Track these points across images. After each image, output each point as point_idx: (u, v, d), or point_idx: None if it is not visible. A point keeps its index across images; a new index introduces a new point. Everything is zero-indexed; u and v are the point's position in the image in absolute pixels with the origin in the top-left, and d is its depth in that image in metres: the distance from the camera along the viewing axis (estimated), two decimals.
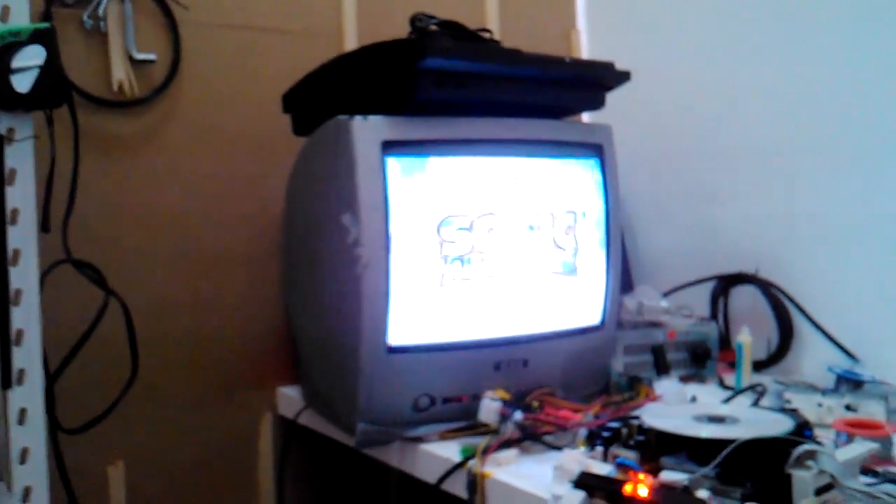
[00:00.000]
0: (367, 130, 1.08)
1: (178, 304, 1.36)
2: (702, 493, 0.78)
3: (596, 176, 1.26)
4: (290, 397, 1.41)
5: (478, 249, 1.15)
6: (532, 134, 1.21)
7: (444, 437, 1.11)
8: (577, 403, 1.13)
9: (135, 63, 1.33)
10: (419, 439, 1.11)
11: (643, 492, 0.79)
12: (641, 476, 0.81)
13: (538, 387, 1.14)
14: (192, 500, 1.37)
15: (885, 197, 1.38)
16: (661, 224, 1.70)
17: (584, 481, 0.83)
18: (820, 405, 1.15)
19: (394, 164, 1.09)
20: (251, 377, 1.42)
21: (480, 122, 1.16)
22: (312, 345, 1.27)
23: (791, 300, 1.49)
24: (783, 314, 1.49)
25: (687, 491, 0.79)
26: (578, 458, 0.88)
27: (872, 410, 1.11)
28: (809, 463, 0.81)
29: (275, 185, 1.35)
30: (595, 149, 1.26)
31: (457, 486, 1.02)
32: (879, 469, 0.93)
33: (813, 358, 1.45)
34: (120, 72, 1.32)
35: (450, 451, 1.06)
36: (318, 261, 1.19)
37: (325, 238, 1.15)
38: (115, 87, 1.31)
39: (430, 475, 1.06)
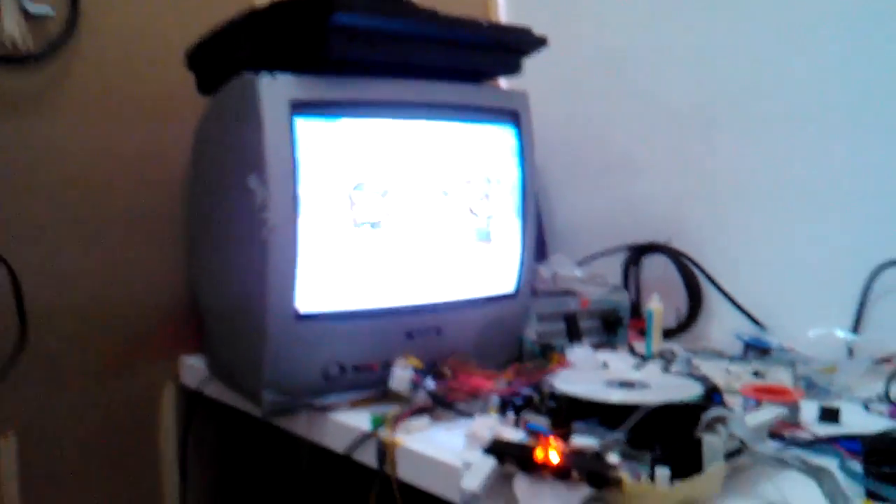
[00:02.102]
0: (275, 89, 1.03)
1: (74, 272, 1.29)
2: (612, 458, 0.77)
3: (512, 142, 1.24)
4: (193, 367, 1.36)
5: (390, 215, 1.12)
6: (448, 98, 1.18)
7: (354, 405, 1.08)
8: (489, 371, 1.12)
9: (29, 17, 1.25)
10: (328, 408, 1.08)
11: (554, 457, 0.78)
12: (552, 441, 0.80)
13: (451, 355, 1.13)
14: (89, 474, 1.32)
15: (792, 168, 1.40)
16: (575, 193, 1.70)
17: (495, 448, 0.81)
18: (728, 371, 1.16)
19: (303, 125, 1.05)
20: (152, 346, 1.37)
21: (395, 84, 1.13)
22: (217, 312, 1.22)
23: (700, 269, 1.51)
24: (693, 283, 1.51)
25: (598, 456, 0.78)
26: (490, 425, 0.86)
27: (780, 377, 1.13)
28: (719, 428, 0.81)
29: (179, 148, 1.30)
30: (511, 115, 1.24)
31: (367, 456, 1.00)
32: (786, 434, 0.95)
33: (721, 326, 1.47)
34: (12, 26, 1.23)
35: (360, 420, 1.03)
36: (224, 225, 1.14)
37: (231, 202, 1.10)
38: (6, 42, 1.23)
39: (339, 445, 1.04)
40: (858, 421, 1.04)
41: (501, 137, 1.24)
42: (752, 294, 1.46)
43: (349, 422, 1.04)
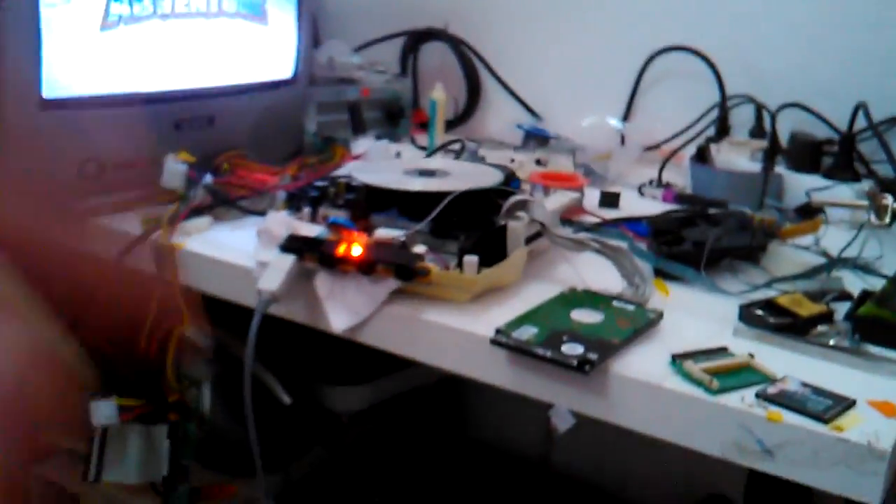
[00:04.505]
0: None
1: None
2: (419, 249, 0.74)
3: None
4: None
5: None
6: None
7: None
8: (270, 166, 1.04)
9: None
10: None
11: (357, 251, 0.73)
12: (355, 235, 0.75)
13: (226, 148, 1.02)
14: None
15: None
16: None
17: (293, 244, 0.75)
18: (513, 160, 1.15)
19: None
20: None
21: None
22: None
23: (479, 57, 1.47)
24: (471, 72, 1.48)
25: (403, 247, 0.74)
26: (284, 221, 0.79)
27: (561, 165, 1.14)
28: (520, 213, 0.80)
29: None
30: None
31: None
32: (575, 219, 0.96)
33: (499, 116, 1.46)
34: None
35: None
36: None
37: None
38: None
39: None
40: (635, 205, 1.08)
41: None
42: (528, 84, 1.45)
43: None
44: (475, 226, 0.78)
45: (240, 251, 0.84)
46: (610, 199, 1.06)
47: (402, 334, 0.74)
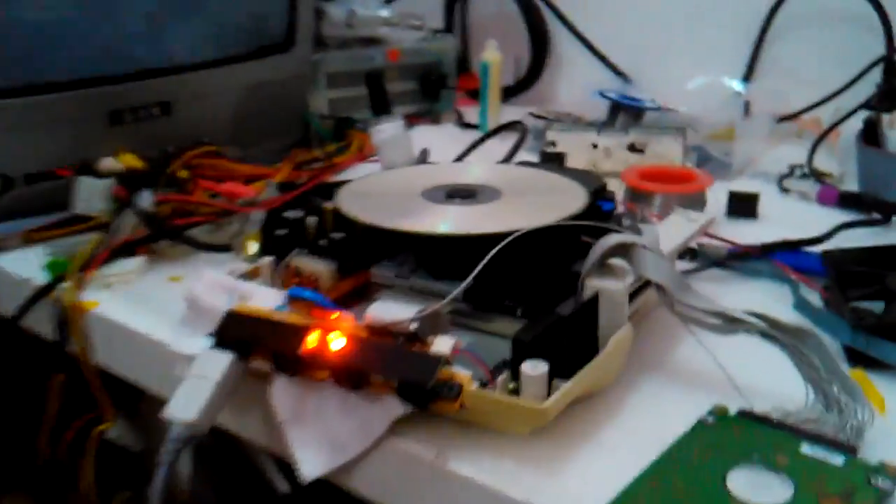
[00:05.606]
0: None
1: None
2: (443, 341, 0.42)
3: None
4: None
5: None
6: None
7: (29, 238, 0.67)
8: (257, 165, 0.75)
9: None
10: None
11: (338, 345, 0.42)
12: (335, 317, 0.43)
13: (192, 144, 0.72)
14: None
15: None
16: None
17: (230, 333, 0.44)
18: (595, 146, 0.82)
19: None
20: None
21: None
22: None
23: (548, 5, 1.14)
24: (538, 23, 1.14)
25: (416, 338, 0.42)
26: (225, 284, 0.48)
27: (666, 149, 0.81)
28: (615, 262, 0.47)
29: None
30: None
31: (44, 324, 0.61)
32: (696, 244, 0.63)
33: (574, 80, 1.13)
34: None
35: (33, 266, 0.63)
36: None
37: None
38: None
39: (7, 304, 0.64)
40: (777, 210, 0.74)
41: None
42: (612, 36, 1.11)
43: (19, 269, 0.64)
44: (540, 284, 0.46)
45: (174, 315, 0.53)
46: (744, 205, 0.72)
47: (415, 489, 0.43)
